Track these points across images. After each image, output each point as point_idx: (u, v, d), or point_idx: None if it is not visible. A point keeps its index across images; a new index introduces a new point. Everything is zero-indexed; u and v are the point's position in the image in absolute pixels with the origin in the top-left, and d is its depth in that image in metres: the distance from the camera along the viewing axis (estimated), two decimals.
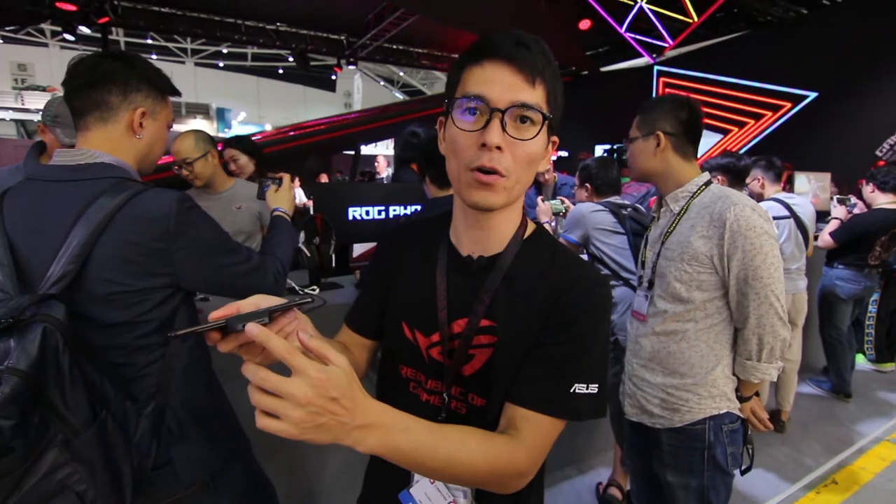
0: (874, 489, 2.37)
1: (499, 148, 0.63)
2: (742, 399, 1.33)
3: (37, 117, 2.65)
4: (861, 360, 3.72)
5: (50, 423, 0.79)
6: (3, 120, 15.54)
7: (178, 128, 2.19)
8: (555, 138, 0.72)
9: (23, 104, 15.19)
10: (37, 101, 14.21)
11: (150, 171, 1.11)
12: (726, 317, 1.29)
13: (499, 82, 0.63)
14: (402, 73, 20.56)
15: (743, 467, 1.32)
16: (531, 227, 0.78)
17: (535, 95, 0.64)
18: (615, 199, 2.18)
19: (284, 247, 1.26)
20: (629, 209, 2.07)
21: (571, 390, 0.66)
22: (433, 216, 0.85)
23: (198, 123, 18.52)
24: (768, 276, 1.19)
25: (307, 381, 0.46)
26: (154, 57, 16.70)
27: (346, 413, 0.49)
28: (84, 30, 8.79)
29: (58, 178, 0.95)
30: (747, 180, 2.87)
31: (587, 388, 0.67)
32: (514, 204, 0.72)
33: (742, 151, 5.58)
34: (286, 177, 1.48)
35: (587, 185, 2.24)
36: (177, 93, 1.12)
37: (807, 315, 2.92)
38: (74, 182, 0.94)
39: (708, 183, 1.33)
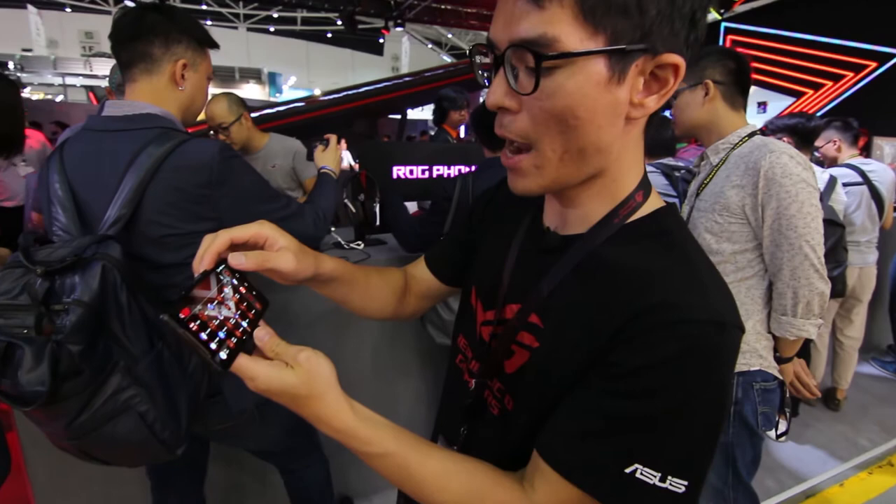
0: None
1: (507, 108, 0.47)
2: (781, 360, 1.29)
3: (104, 83, 2.87)
4: None
5: (112, 351, 0.86)
6: (74, 86, 16.52)
7: (235, 92, 2.28)
8: (667, 58, 0.43)
9: (91, 70, 16.07)
10: (104, 68, 14.99)
11: (193, 122, 1.15)
12: (759, 271, 1.25)
13: (500, 14, 0.45)
14: (450, 35, 20.07)
15: (779, 432, 1.28)
16: (650, 206, 0.53)
17: (540, 21, 0.41)
18: (668, 160, 2.07)
19: (327, 198, 1.31)
20: (682, 171, 1.96)
21: (627, 470, 0.43)
22: None
23: (251, 88, 18.94)
24: (804, 225, 1.14)
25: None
26: (209, 22, 17.10)
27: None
28: None
29: (110, 127, 1.01)
30: (820, 142, 2.65)
31: (659, 480, 0.43)
32: (602, 176, 0.50)
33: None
34: (333, 137, 1.52)
35: None
36: (215, 45, 1.14)
37: (876, 291, 2.73)
38: (125, 132, 1.00)
39: (752, 134, 1.28)
